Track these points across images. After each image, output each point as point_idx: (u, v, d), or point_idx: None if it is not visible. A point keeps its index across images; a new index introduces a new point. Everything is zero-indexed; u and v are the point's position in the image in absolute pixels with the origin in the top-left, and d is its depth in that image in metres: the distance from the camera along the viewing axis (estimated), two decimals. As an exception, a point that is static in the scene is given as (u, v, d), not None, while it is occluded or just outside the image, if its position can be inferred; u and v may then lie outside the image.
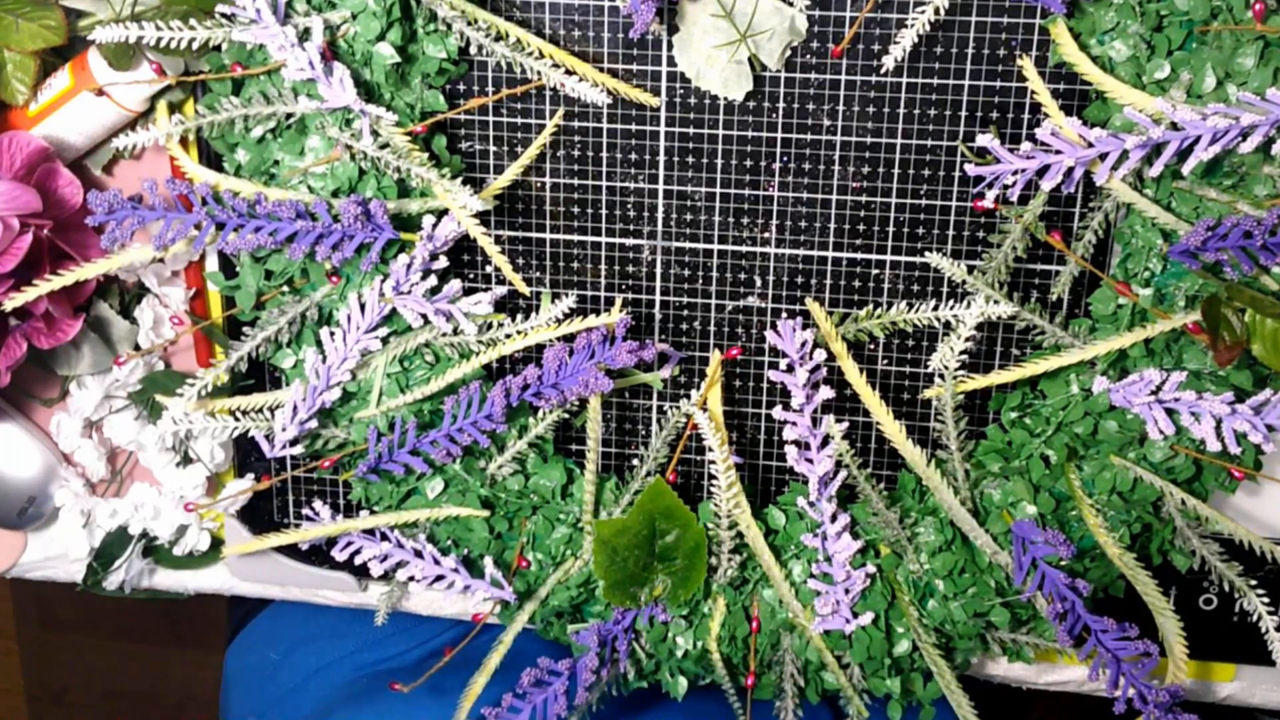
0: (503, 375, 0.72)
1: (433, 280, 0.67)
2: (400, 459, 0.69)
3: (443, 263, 0.68)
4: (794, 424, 0.67)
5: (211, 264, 0.71)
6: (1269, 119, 0.57)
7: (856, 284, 0.69)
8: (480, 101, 0.67)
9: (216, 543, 0.78)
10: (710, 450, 0.67)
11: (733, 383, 0.72)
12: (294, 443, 0.70)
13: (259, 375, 0.73)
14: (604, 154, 0.68)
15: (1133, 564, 0.66)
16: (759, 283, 0.69)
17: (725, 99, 0.66)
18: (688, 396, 0.72)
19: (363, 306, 0.67)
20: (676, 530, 0.69)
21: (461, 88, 0.67)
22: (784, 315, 0.70)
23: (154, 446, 0.74)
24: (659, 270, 0.70)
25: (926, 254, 0.67)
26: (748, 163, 0.67)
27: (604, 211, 0.69)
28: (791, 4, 0.63)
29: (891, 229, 0.67)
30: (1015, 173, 0.62)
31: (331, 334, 0.68)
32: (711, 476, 0.68)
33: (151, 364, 0.74)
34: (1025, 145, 0.62)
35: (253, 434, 0.70)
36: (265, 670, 0.93)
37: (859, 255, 0.68)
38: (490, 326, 0.69)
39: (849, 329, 0.68)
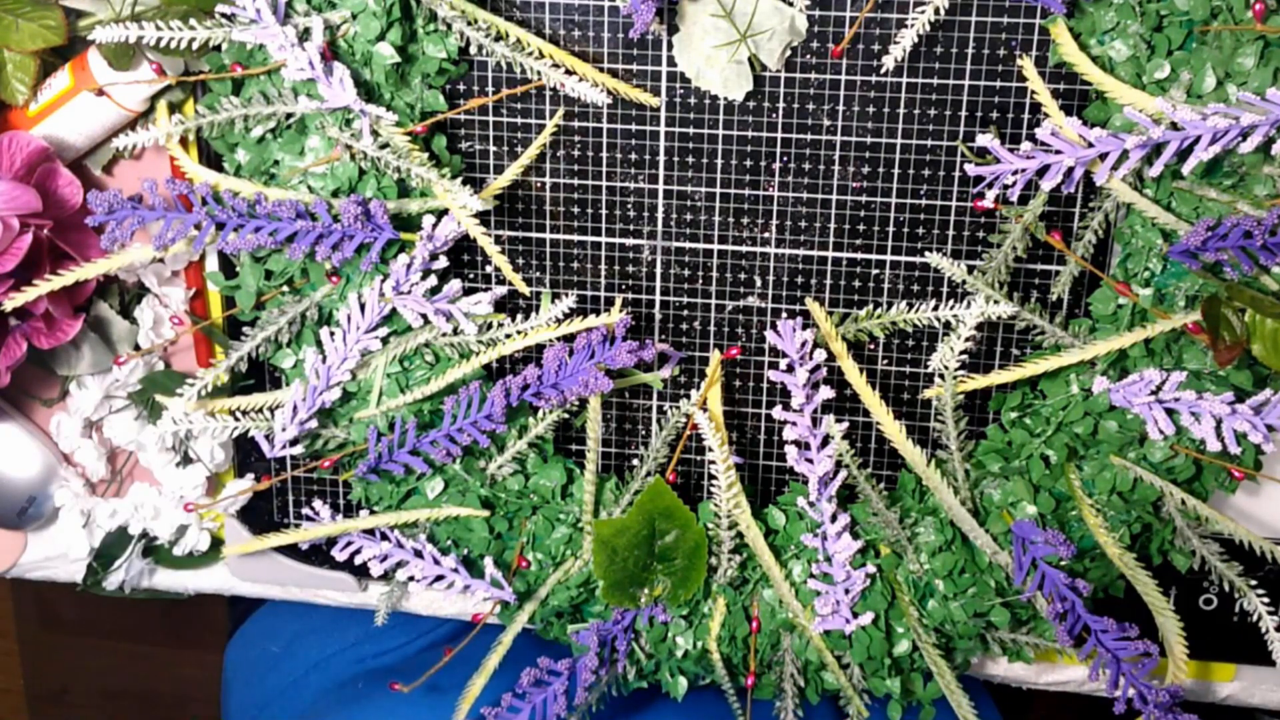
0: (503, 375, 0.72)
1: (433, 280, 0.67)
2: (400, 459, 0.69)
3: (443, 263, 0.68)
4: (794, 424, 0.67)
5: (211, 264, 0.71)
6: (1269, 119, 0.57)
7: (856, 284, 0.68)
8: (480, 101, 0.67)
9: (216, 543, 0.78)
10: (710, 450, 0.67)
11: (733, 383, 0.72)
12: (294, 443, 0.70)
13: (259, 375, 0.73)
14: (604, 154, 0.68)
15: (1133, 564, 0.66)
16: (759, 283, 0.69)
17: (725, 99, 0.66)
18: (688, 396, 0.72)
19: (363, 306, 0.67)
20: (676, 530, 0.69)
21: (461, 88, 0.67)
22: (784, 315, 0.70)
23: (154, 446, 0.74)
24: (659, 270, 0.70)
25: (926, 254, 0.67)
26: (748, 163, 0.67)
27: (604, 211, 0.69)
28: (791, 4, 0.63)
29: (891, 229, 0.67)
30: (1015, 173, 0.62)
31: (331, 334, 0.68)
32: (711, 476, 0.68)
33: (151, 364, 0.74)
34: (1025, 145, 0.62)
35: (253, 434, 0.70)
36: (265, 663, 0.92)
37: (859, 255, 0.68)
38: (490, 326, 0.69)
39: (849, 329, 0.68)
